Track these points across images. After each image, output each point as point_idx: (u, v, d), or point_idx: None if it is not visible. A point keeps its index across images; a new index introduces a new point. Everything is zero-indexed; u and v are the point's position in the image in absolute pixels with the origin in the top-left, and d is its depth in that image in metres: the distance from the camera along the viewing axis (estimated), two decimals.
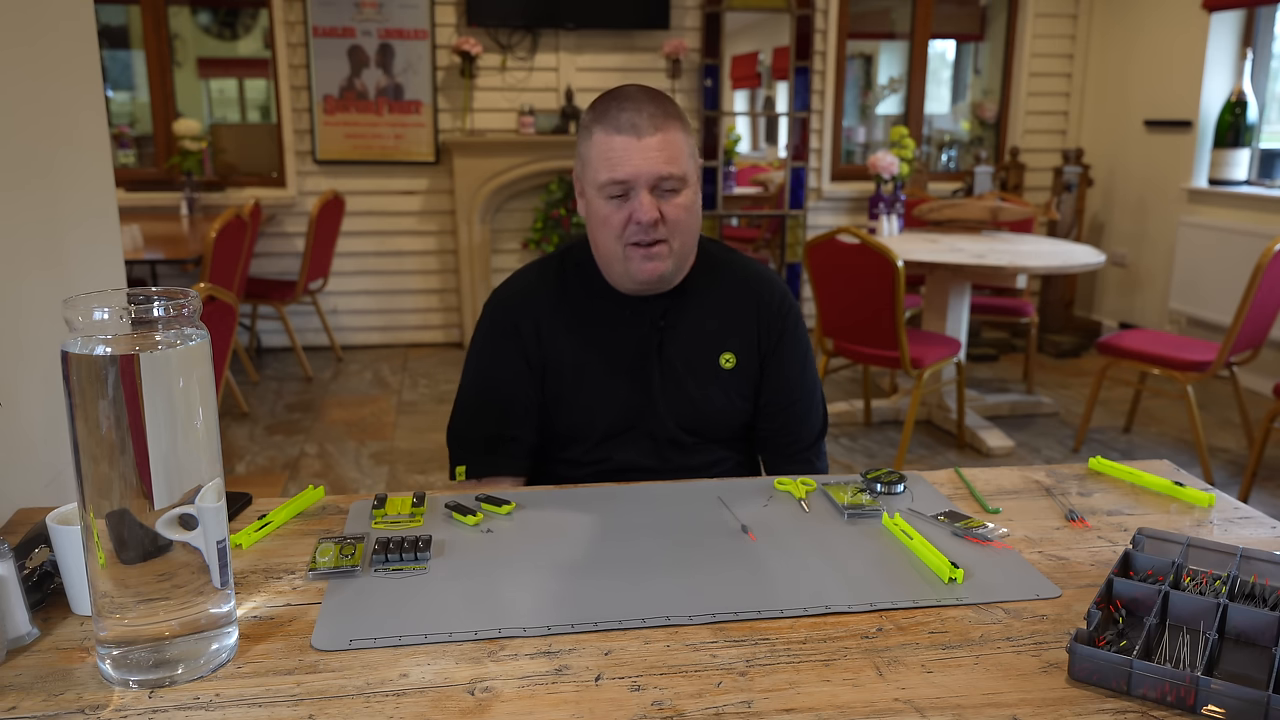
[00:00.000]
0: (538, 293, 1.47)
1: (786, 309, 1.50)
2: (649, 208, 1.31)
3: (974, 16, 6.11)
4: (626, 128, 1.30)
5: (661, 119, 1.31)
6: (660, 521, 1.18)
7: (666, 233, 1.34)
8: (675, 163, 1.31)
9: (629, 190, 1.32)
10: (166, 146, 5.19)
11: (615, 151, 1.30)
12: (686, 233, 1.36)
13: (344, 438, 3.96)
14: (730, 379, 1.46)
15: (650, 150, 1.30)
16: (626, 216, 1.32)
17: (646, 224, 1.31)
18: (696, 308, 1.45)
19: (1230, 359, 3.52)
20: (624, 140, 1.30)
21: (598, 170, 1.33)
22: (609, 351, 1.43)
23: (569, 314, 1.44)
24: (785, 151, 5.60)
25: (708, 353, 1.45)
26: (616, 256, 1.36)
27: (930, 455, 3.83)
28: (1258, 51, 4.90)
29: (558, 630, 0.93)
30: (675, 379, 1.43)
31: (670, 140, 1.31)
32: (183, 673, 0.85)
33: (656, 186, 1.32)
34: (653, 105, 1.32)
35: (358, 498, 1.25)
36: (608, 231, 1.35)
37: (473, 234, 5.26)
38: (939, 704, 0.82)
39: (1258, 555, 1.01)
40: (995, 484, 1.32)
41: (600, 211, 1.35)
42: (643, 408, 1.43)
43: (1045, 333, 5.39)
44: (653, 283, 1.38)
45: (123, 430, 0.81)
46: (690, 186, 1.35)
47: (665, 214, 1.33)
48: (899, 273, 3.31)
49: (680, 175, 1.32)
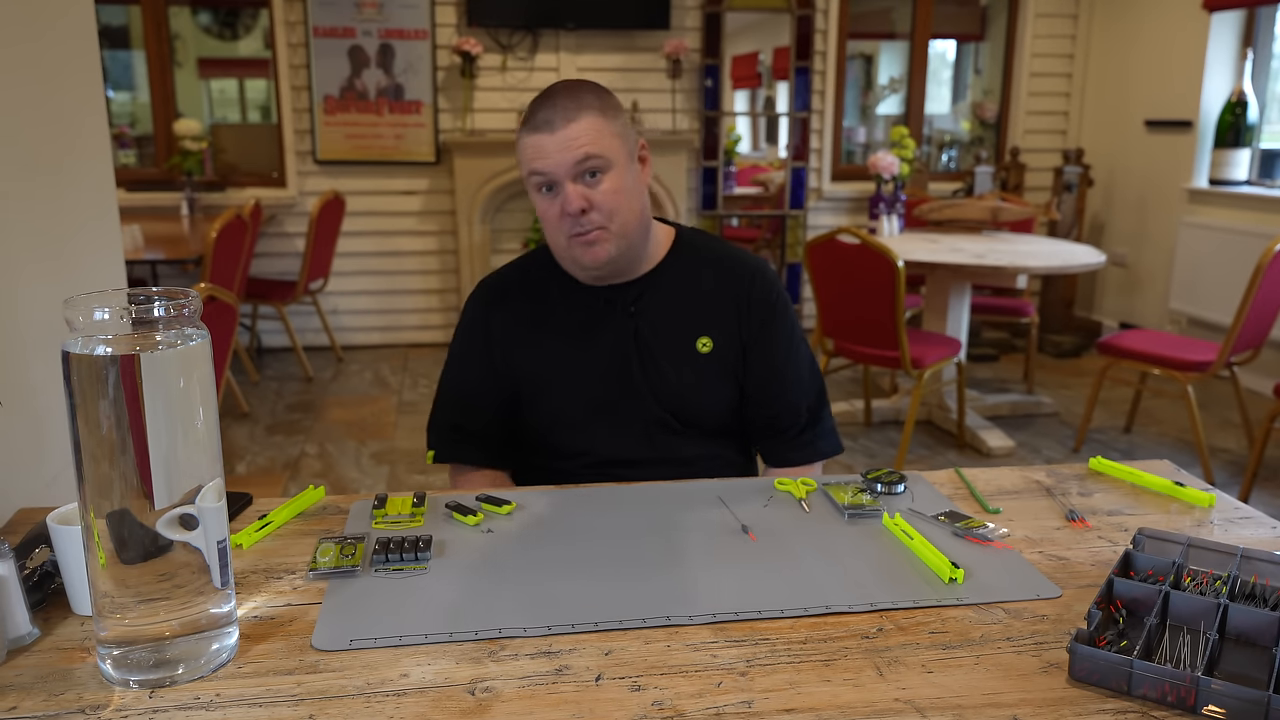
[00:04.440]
0: (515, 286, 1.51)
1: (767, 292, 1.49)
2: (574, 198, 1.34)
3: (974, 16, 6.11)
4: (541, 125, 1.34)
5: (574, 110, 1.34)
6: (660, 521, 1.18)
7: (601, 219, 1.36)
8: (592, 145, 1.34)
9: (554, 184, 1.36)
10: (167, 146, 5.19)
11: (533, 148, 1.35)
12: (623, 214, 1.38)
13: (344, 438, 3.96)
14: (708, 363, 1.47)
15: (564, 141, 1.33)
16: (559, 210, 1.36)
17: (574, 213, 1.35)
18: (669, 293, 1.47)
19: (1230, 359, 3.52)
20: (540, 137, 1.34)
21: (523, 165, 1.38)
22: (585, 340, 1.46)
23: (545, 306, 1.48)
24: (785, 151, 5.60)
25: (683, 336, 1.47)
26: (562, 248, 1.40)
27: (930, 455, 3.83)
28: (1258, 51, 4.89)
29: (558, 630, 0.93)
30: (652, 362, 1.45)
31: (582, 128, 1.34)
32: (183, 673, 0.85)
33: (579, 175, 1.35)
34: (566, 98, 1.35)
35: (358, 498, 1.25)
36: (549, 226, 1.40)
37: (473, 234, 5.26)
38: (939, 704, 0.82)
39: (1258, 555, 1.01)
40: (995, 484, 1.32)
41: (539, 208, 1.40)
42: (624, 393, 1.46)
43: (1045, 333, 5.39)
44: (601, 267, 1.41)
45: (123, 430, 0.81)
46: (616, 168, 1.37)
47: (594, 200, 1.36)
48: (899, 273, 3.31)
49: (598, 156, 1.34)
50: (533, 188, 1.39)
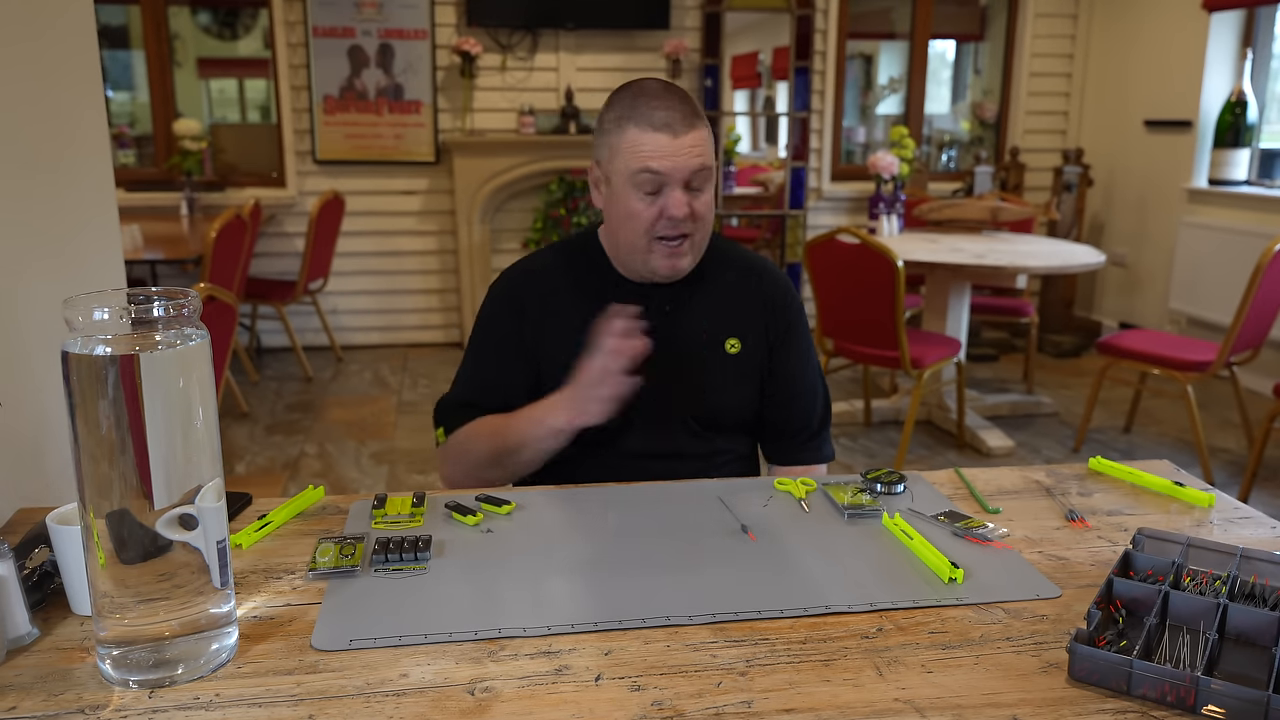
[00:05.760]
0: (548, 272, 1.51)
1: (791, 301, 1.54)
2: (682, 204, 1.35)
3: (974, 16, 6.11)
4: (662, 125, 1.33)
5: (694, 118, 1.36)
6: (660, 521, 1.18)
7: (695, 229, 1.39)
8: (707, 157, 1.36)
9: (662, 185, 1.35)
10: (166, 146, 5.19)
11: (652, 147, 1.34)
12: (707, 227, 1.42)
13: (344, 438, 3.96)
14: (736, 364, 1.48)
15: (685, 148, 1.34)
16: (657, 212, 1.36)
17: (679, 219, 1.35)
18: (703, 295, 1.49)
19: (1230, 359, 3.52)
20: (662, 138, 1.33)
21: (630, 160, 1.35)
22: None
23: (576, 296, 1.47)
24: (785, 151, 5.60)
25: (713, 338, 1.48)
26: (639, 249, 1.40)
27: (930, 455, 3.83)
28: (1258, 51, 4.89)
29: (558, 630, 0.93)
30: (682, 364, 1.46)
31: (701, 138, 1.36)
32: (183, 673, 0.85)
33: (689, 184, 1.36)
34: (684, 105, 1.36)
35: (358, 498, 1.25)
36: (634, 224, 1.38)
37: (473, 234, 5.26)
38: (939, 704, 0.82)
39: (1258, 555, 1.01)
40: (995, 484, 1.32)
41: (628, 205, 1.37)
42: (651, 392, 1.44)
43: (1045, 333, 5.39)
44: (672, 276, 1.43)
45: (123, 430, 0.81)
46: (712, 183, 1.40)
47: (696, 210, 1.37)
48: (899, 273, 3.31)
49: (708, 169, 1.37)
50: (633, 184, 1.35)
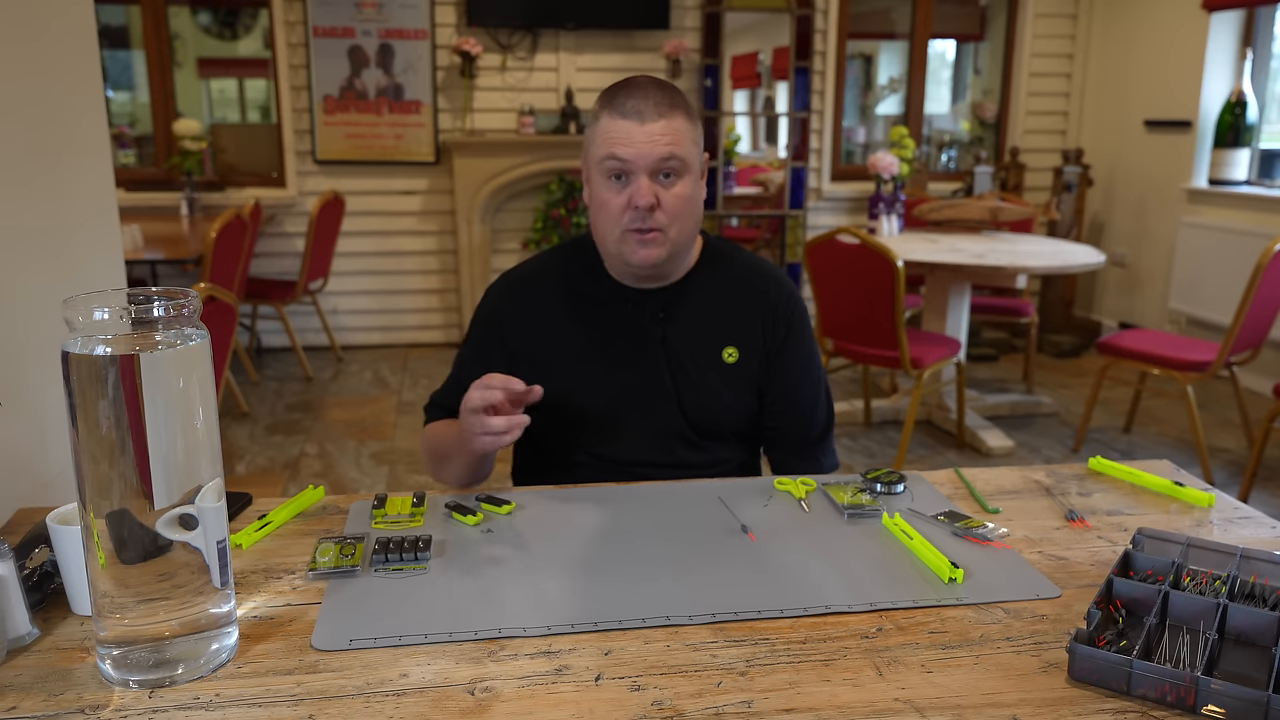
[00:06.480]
0: (539, 280, 1.49)
1: (791, 307, 1.50)
2: (646, 192, 1.32)
3: (974, 16, 6.11)
4: (631, 113, 1.32)
5: (666, 107, 1.33)
6: (660, 521, 1.18)
7: (664, 220, 1.35)
8: (676, 146, 1.33)
9: (628, 173, 1.34)
10: (166, 146, 5.19)
11: (618, 133, 1.33)
12: (684, 222, 1.38)
13: (344, 438, 3.96)
14: (733, 373, 1.46)
15: (652, 135, 1.32)
16: (625, 201, 1.34)
17: (643, 208, 1.33)
18: (698, 301, 1.47)
19: (1230, 359, 3.52)
20: (628, 124, 1.32)
21: (600, 147, 1.35)
22: (609, 342, 1.44)
23: (569, 302, 1.46)
24: (785, 151, 5.60)
25: (710, 346, 1.46)
26: (613, 240, 1.38)
27: (930, 455, 3.83)
28: (1258, 51, 4.89)
29: (558, 630, 0.93)
30: (678, 371, 1.44)
31: (673, 127, 1.33)
32: (183, 673, 0.85)
33: (656, 173, 1.34)
34: (659, 93, 1.34)
35: (358, 498, 1.25)
36: (605, 215, 1.37)
37: (473, 234, 5.26)
38: (939, 704, 0.82)
39: (1258, 555, 1.01)
40: (995, 484, 1.32)
41: (600, 195, 1.37)
42: (646, 400, 1.44)
43: (1045, 333, 5.39)
44: (647, 269, 1.39)
45: (123, 430, 0.81)
46: (690, 175, 1.37)
47: (663, 201, 1.34)
48: (899, 273, 3.31)
49: (681, 158, 1.34)
50: (602, 173, 1.35)
